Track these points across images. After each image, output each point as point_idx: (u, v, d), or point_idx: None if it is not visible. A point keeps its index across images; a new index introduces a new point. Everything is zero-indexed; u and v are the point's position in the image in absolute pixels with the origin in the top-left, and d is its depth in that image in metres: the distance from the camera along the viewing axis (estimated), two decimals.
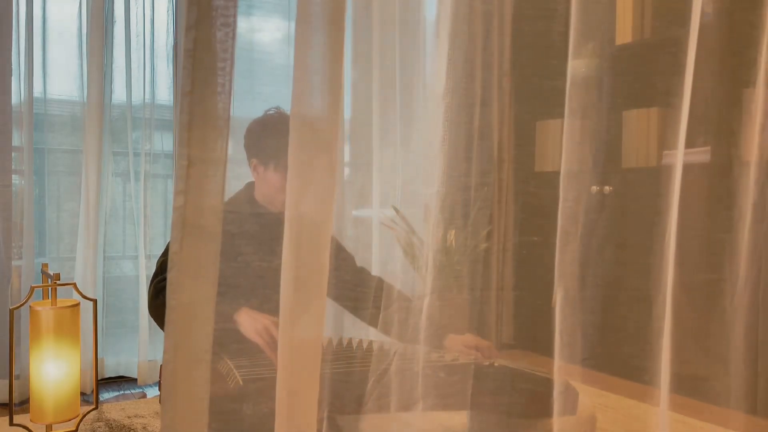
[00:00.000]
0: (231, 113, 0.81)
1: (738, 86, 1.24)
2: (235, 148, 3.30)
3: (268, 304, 1.28)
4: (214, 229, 0.80)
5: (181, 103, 0.78)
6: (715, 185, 1.24)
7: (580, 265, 1.11)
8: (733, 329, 1.16)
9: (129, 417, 2.48)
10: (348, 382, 1.49)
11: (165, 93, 3.12)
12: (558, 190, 1.10)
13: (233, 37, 0.79)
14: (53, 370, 1.99)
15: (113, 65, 2.99)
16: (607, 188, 1.66)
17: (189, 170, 0.78)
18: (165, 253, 1.70)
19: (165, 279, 1.59)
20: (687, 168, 1.04)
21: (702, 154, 1.53)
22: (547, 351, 1.12)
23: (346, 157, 3.59)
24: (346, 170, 3.57)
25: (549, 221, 1.13)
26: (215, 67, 0.79)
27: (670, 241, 1.00)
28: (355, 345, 1.69)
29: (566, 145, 1.11)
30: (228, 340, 1.43)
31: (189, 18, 0.77)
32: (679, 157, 1.01)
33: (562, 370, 1.10)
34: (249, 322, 1.49)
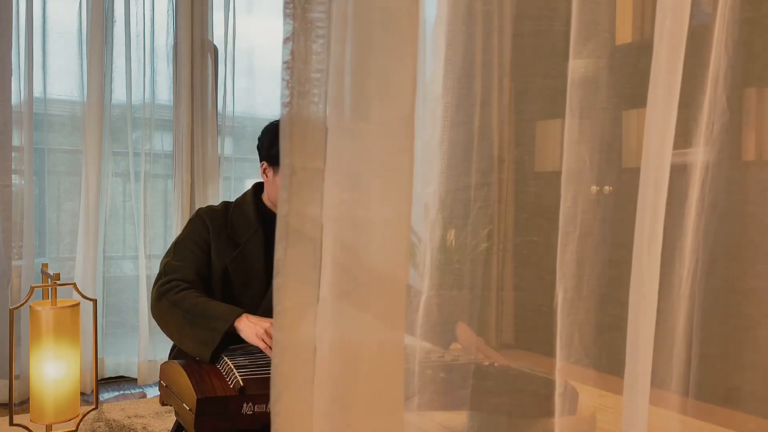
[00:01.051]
0: (327, 123, 0.83)
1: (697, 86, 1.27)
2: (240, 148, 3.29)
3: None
4: (314, 235, 0.83)
5: (281, 114, 0.81)
6: (682, 182, 1.28)
7: (581, 264, 1.11)
8: (678, 318, 1.20)
9: (129, 417, 2.48)
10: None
11: (165, 93, 3.12)
12: (558, 190, 1.10)
13: (328, 48, 0.81)
14: (53, 370, 1.99)
15: (113, 65, 2.99)
16: (607, 188, 1.66)
17: (291, 179, 0.81)
18: (168, 254, 1.70)
19: (169, 282, 1.60)
20: (679, 168, 1.05)
21: (696, 155, 1.55)
22: (548, 351, 1.12)
23: None
24: None
25: (549, 221, 1.13)
26: (311, 78, 0.81)
27: (646, 238, 1.01)
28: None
29: (566, 145, 1.11)
30: None
31: (285, 30, 0.80)
32: (666, 156, 1.02)
33: (562, 370, 1.11)
34: (250, 328, 1.50)
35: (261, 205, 1.78)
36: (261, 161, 1.75)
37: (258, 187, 1.82)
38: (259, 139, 1.77)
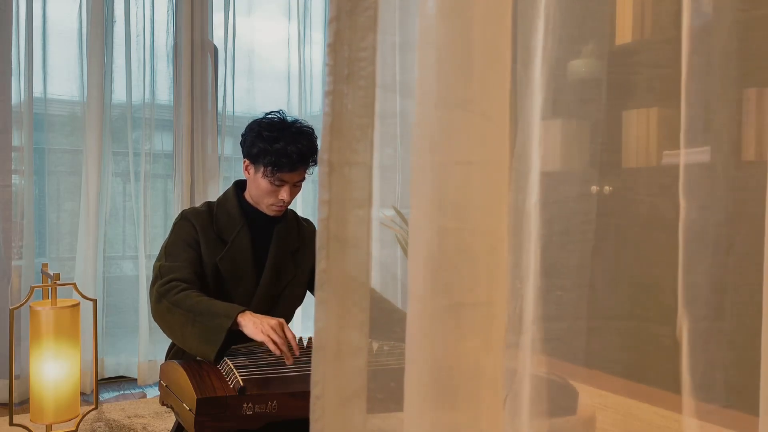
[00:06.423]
0: (377, 109, 0.70)
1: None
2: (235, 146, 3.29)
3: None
4: (360, 241, 0.69)
5: (323, 106, 0.70)
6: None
7: (570, 265, 1.11)
8: None
9: (129, 417, 2.48)
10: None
11: (165, 93, 3.12)
12: (557, 189, 1.10)
13: (375, 23, 0.69)
14: (53, 370, 1.99)
15: (113, 65, 2.99)
16: (606, 188, 1.66)
17: (330, 177, 0.68)
18: (160, 258, 1.70)
19: (167, 283, 1.60)
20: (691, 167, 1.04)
21: (704, 154, 1.55)
22: (552, 352, 1.12)
23: None
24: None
25: (545, 222, 1.13)
26: (356, 58, 0.69)
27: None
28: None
29: (566, 145, 1.11)
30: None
31: (331, 11, 0.69)
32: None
33: (561, 369, 1.10)
34: (254, 323, 1.49)
35: (243, 201, 1.79)
36: (244, 158, 1.77)
37: (239, 185, 1.83)
38: (242, 135, 1.78)
